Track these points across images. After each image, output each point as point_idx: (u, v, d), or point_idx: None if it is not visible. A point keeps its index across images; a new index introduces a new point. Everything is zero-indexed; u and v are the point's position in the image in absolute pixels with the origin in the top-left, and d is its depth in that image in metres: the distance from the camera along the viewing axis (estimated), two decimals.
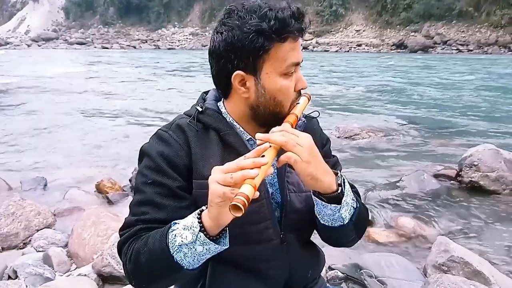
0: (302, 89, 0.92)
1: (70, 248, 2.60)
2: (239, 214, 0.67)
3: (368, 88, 11.84)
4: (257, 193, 0.70)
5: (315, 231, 1.02)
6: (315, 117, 1.08)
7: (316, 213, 0.91)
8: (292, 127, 0.86)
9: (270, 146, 0.77)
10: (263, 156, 0.75)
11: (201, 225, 0.75)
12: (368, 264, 2.40)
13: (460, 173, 3.83)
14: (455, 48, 34.88)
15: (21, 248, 2.75)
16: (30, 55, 31.12)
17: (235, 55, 0.84)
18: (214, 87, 0.98)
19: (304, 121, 0.98)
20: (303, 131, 0.89)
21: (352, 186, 0.98)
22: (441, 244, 2.39)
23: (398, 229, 3.00)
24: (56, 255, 2.46)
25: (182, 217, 0.80)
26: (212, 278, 0.93)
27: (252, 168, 0.71)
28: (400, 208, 3.34)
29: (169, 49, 47.89)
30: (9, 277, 2.29)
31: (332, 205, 0.86)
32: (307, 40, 45.31)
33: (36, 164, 4.80)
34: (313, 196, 0.88)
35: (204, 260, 0.80)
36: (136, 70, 18.46)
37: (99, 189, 3.78)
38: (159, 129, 0.94)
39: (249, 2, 0.85)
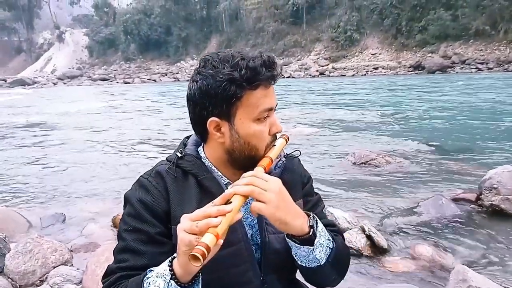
0: (276, 132, 0.95)
1: (84, 284, 2.62)
2: (197, 264, 0.68)
3: (385, 111, 11.77)
4: (221, 241, 0.72)
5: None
6: (297, 157, 1.10)
7: (293, 254, 0.91)
8: (266, 170, 0.88)
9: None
10: (230, 202, 0.76)
11: (172, 272, 0.77)
12: None
13: (480, 196, 3.72)
14: (474, 67, 34.38)
15: (37, 286, 2.79)
16: (56, 93, 32.33)
17: (210, 102, 0.88)
18: None
19: (283, 161, 1.01)
20: (282, 171, 0.91)
21: (331, 225, 0.98)
22: (458, 273, 2.31)
23: (415, 258, 2.91)
24: None
25: (162, 262, 0.82)
26: None
27: (216, 216, 0.72)
28: (418, 235, 3.25)
29: (187, 80, 48.83)
30: None
31: (305, 247, 0.86)
32: (323, 66, 45.73)
33: (56, 200, 4.91)
34: (286, 238, 0.88)
35: None
36: (156, 103, 18.93)
37: (115, 224, 3.84)
38: (140, 176, 0.98)
39: (224, 52, 0.90)
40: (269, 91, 0.90)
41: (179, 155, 0.97)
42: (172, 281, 0.77)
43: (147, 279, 0.80)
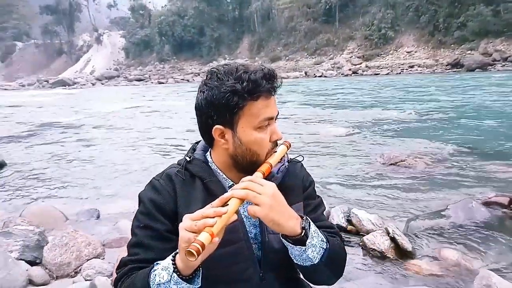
0: (277, 140, 1.01)
1: (114, 277, 2.76)
2: (193, 259, 0.76)
3: (419, 111, 11.47)
4: (216, 238, 0.79)
5: None
6: (300, 161, 1.15)
7: (289, 253, 0.96)
8: (265, 175, 0.94)
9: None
10: (227, 204, 0.83)
11: (174, 266, 0.84)
12: None
13: None
14: None
15: (72, 277, 2.96)
16: (94, 93, 33.57)
17: (214, 112, 0.96)
18: None
19: (286, 166, 1.07)
20: (284, 175, 0.98)
21: (329, 227, 1.04)
22: (483, 278, 2.28)
23: (440, 261, 2.86)
24: (101, 284, 2.63)
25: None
26: None
27: (213, 217, 0.79)
28: (444, 239, 3.18)
29: None
30: None
31: (297, 246, 0.92)
32: (356, 65, 44.95)
33: (92, 196, 5.16)
34: (281, 238, 0.94)
35: None
36: (190, 104, 19.29)
37: None
38: (153, 178, 1.06)
39: (229, 65, 0.97)
40: (269, 102, 0.97)
41: (188, 159, 1.06)
42: (174, 274, 0.84)
43: (153, 271, 0.88)
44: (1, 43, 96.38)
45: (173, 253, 0.87)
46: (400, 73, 37.69)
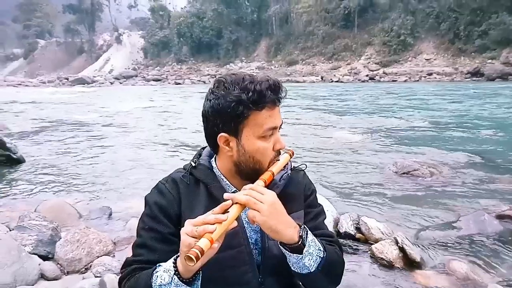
0: (280, 149, 1.03)
1: None
2: (191, 264, 0.79)
3: (436, 119, 11.33)
4: (215, 244, 0.82)
5: None
6: (302, 170, 1.17)
7: (287, 260, 0.98)
8: (266, 183, 0.97)
9: (236, 203, 0.89)
10: (228, 211, 0.86)
11: (175, 269, 0.88)
12: None
13: None
14: None
15: (82, 273, 3.02)
16: (112, 92, 34.08)
17: (220, 120, 0.99)
18: None
19: (288, 174, 1.09)
20: (286, 183, 1.02)
21: (329, 236, 1.06)
22: None
23: (449, 273, 2.83)
24: (110, 281, 2.67)
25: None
26: None
27: (213, 223, 0.83)
28: (454, 251, 3.15)
29: None
30: None
31: (294, 254, 0.94)
32: (373, 71, 44.63)
33: (105, 194, 5.24)
34: (279, 245, 0.96)
35: None
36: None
37: None
38: (159, 181, 1.10)
39: (236, 74, 1.00)
40: (274, 112, 1.00)
41: (193, 164, 1.09)
42: (175, 276, 0.87)
43: (156, 272, 0.91)
44: (24, 40, 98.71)
45: (175, 256, 0.90)
46: (418, 80, 37.26)
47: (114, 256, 3.27)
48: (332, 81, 41.07)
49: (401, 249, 3.02)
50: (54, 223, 3.63)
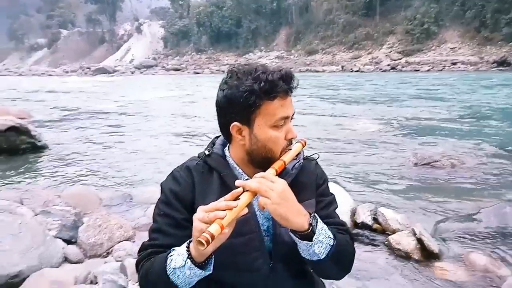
0: (292, 138, 1.05)
1: None
2: (202, 248, 0.82)
3: (459, 110, 11.08)
4: (226, 230, 0.85)
5: None
6: (315, 159, 1.18)
7: (298, 247, 1.00)
8: (277, 171, 0.99)
9: (247, 191, 0.91)
10: (239, 198, 0.89)
11: (188, 253, 0.91)
12: None
13: None
14: None
15: (104, 257, 3.12)
16: (133, 81, 34.49)
17: (233, 109, 1.01)
18: None
19: (300, 163, 1.11)
20: (298, 172, 1.06)
21: (340, 224, 1.10)
22: (510, 286, 2.21)
23: (467, 265, 2.80)
24: (130, 266, 2.75)
25: None
26: None
27: (224, 210, 0.86)
28: (473, 243, 3.11)
29: None
30: (91, 282, 2.63)
31: (304, 241, 0.96)
32: (395, 60, 43.71)
33: (126, 182, 5.37)
34: (290, 232, 0.98)
35: (194, 282, 0.94)
36: None
37: None
38: (174, 169, 1.13)
39: (249, 65, 1.02)
40: (286, 102, 1.01)
41: (207, 153, 1.11)
42: (188, 260, 0.90)
43: (170, 256, 0.95)
44: (48, 30, 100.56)
45: (188, 241, 0.93)
46: (441, 70, 36.34)
47: (134, 241, 3.36)
48: (352, 71, 40.48)
49: (419, 241, 2.99)
50: (77, 209, 3.75)
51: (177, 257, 0.93)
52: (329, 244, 0.98)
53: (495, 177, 4.93)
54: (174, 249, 0.96)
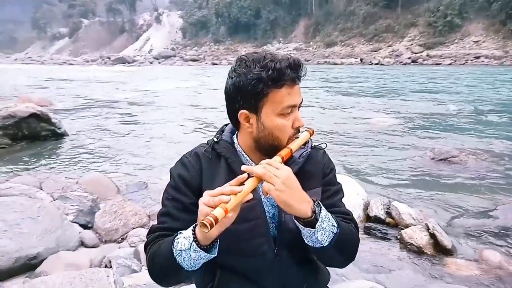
0: (299, 127, 1.05)
1: None
2: (206, 230, 0.84)
3: (480, 105, 10.81)
4: (230, 214, 0.87)
5: None
6: (323, 149, 1.19)
7: (302, 234, 1.01)
8: (283, 159, 1.00)
9: (252, 176, 0.93)
10: (243, 184, 0.90)
11: (194, 236, 0.93)
12: None
13: None
14: None
15: (119, 242, 3.19)
16: (151, 71, 34.78)
17: (241, 97, 1.02)
18: None
19: (308, 152, 1.12)
20: (305, 160, 1.07)
21: (345, 214, 1.10)
22: None
23: (481, 262, 2.77)
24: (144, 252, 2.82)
25: None
26: (219, 281, 1.11)
27: (229, 194, 0.87)
28: (488, 240, 3.06)
29: None
30: (105, 266, 2.70)
31: (307, 228, 0.97)
32: (416, 53, 42.85)
33: (142, 170, 5.45)
34: (293, 219, 0.99)
35: (200, 264, 0.97)
36: None
37: None
38: (183, 155, 1.16)
39: (258, 53, 1.03)
40: (293, 90, 1.01)
41: (216, 140, 1.14)
42: (194, 243, 0.93)
43: (177, 239, 0.97)
44: (69, 20, 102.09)
45: (194, 225, 0.96)
46: (464, 64, 35.46)
47: (148, 228, 3.41)
48: (371, 64, 39.87)
49: (432, 236, 2.97)
50: (93, 195, 3.84)
51: (183, 240, 0.95)
52: (333, 232, 0.99)
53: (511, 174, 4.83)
54: (181, 232, 0.98)
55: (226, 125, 1.20)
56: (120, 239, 3.25)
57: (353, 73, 26.89)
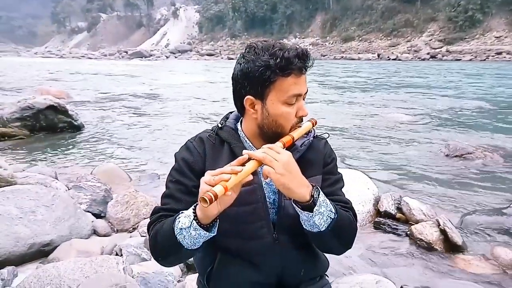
0: (302, 116, 1.08)
1: None
2: (205, 205, 0.87)
3: (497, 102, 10.58)
4: (229, 192, 0.90)
5: None
6: (325, 138, 1.21)
7: (300, 218, 1.03)
8: (285, 145, 1.02)
9: (253, 159, 0.95)
10: (244, 165, 0.93)
11: (195, 215, 0.96)
12: None
13: None
14: None
15: (130, 232, 3.25)
16: (167, 66, 35.03)
17: (248, 83, 1.04)
18: None
19: (310, 140, 1.14)
20: (307, 150, 1.10)
21: (344, 202, 1.12)
22: None
23: (492, 259, 2.73)
24: None
25: None
26: (219, 264, 1.14)
27: (230, 174, 0.90)
28: (500, 237, 3.02)
29: None
30: (116, 254, 2.76)
31: (305, 212, 0.98)
32: (435, 49, 42.07)
33: (154, 161, 5.53)
34: (292, 202, 1.01)
35: (200, 243, 0.99)
36: None
37: None
38: (188, 140, 1.19)
39: (267, 41, 1.05)
40: (299, 79, 1.03)
41: (220, 126, 1.17)
42: (194, 221, 0.96)
43: (178, 218, 1.01)
44: (88, 14, 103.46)
45: (194, 204, 0.99)
46: (485, 60, 34.65)
47: None
48: (389, 59, 39.34)
49: (442, 232, 2.94)
50: (107, 185, 3.91)
51: (184, 219, 0.98)
52: (330, 217, 1.00)
53: None
54: (182, 212, 1.01)
55: (231, 112, 1.22)
56: (131, 228, 3.31)
57: (371, 67, 26.57)
